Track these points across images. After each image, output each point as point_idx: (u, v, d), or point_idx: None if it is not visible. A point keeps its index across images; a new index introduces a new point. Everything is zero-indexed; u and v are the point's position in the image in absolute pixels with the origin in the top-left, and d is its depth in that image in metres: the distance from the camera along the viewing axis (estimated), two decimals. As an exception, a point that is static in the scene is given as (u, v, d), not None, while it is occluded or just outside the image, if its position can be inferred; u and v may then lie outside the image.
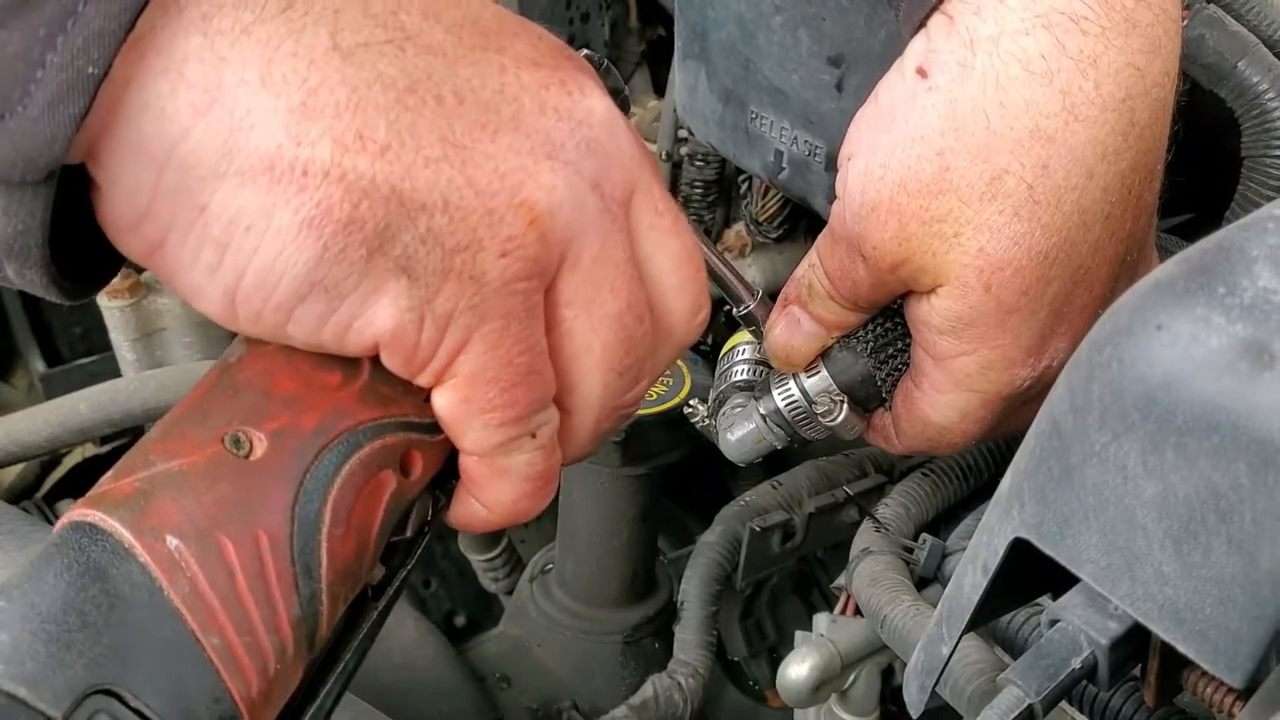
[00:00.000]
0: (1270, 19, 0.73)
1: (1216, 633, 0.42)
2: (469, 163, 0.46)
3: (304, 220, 0.44)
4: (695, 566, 0.92)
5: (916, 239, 0.62)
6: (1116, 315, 0.47)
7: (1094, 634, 0.48)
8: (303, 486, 0.47)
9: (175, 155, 0.43)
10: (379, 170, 0.44)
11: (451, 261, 0.46)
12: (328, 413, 0.49)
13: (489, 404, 0.50)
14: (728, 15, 0.76)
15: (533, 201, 0.47)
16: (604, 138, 0.51)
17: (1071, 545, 0.47)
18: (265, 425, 0.48)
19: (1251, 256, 0.44)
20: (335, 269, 0.45)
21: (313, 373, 0.49)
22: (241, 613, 0.45)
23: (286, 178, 0.43)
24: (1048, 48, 0.58)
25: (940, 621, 0.54)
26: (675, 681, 0.89)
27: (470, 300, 0.47)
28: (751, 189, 1.08)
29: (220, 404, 0.49)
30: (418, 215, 0.45)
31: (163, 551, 0.44)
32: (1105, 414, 0.45)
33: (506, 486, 0.53)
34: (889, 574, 0.75)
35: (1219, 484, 0.42)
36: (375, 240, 0.45)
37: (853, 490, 0.91)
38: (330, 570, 0.47)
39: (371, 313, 0.47)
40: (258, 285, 0.45)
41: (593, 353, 0.52)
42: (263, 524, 0.46)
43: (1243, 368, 0.42)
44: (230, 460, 0.46)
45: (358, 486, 0.49)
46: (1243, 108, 0.71)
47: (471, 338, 0.48)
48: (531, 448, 0.52)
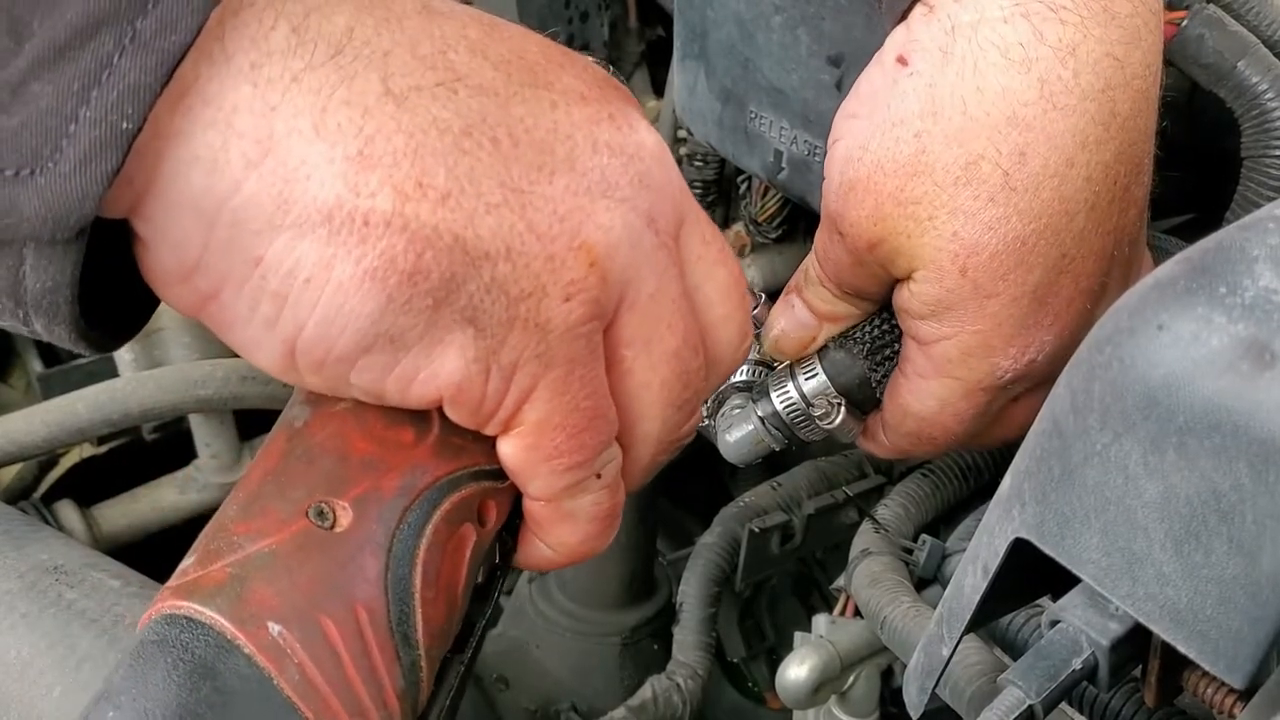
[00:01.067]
0: (1270, 19, 0.73)
1: (1217, 633, 0.42)
2: (529, 207, 0.45)
3: (367, 271, 0.43)
4: (694, 568, 0.91)
5: (891, 219, 0.63)
6: (1117, 315, 0.47)
7: (1094, 635, 0.48)
8: (391, 553, 0.46)
9: (227, 209, 0.42)
10: (441, 219, 0.43)
11: (516, 310, 0.45)
12: (406, 472, 0.47)
13: (555, 450, 0.49)
14: (727, 15, 0.76)
15: (592, 243, 0.46)
16: (655, 171, 0.50)
17: (1072, 546, 0.46)
18: (347, 493, 0.46)
19: (1252, 256, 0.44)
20: (400, 320, 0.44)
21: (386, 431, 0.48)
22: (351, 695, 0.43)
23: (347, 228, 0.42)
24: (1026, 36, 0.59)
25: (940, 622, 0.54)
26: (674, 683, 0.89)
27: (536, 349, 0.46)
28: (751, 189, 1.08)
29: (297, 474, 0.47)
30: (481, 264, 0.44)
31: (266, 639, 0.42)
32: (1106, 414, 0.45)
33: (573, 529, 0.53)
34: (888, 575, 0.75)
35: (1220, 484, 0.42)
36: (441, 290, 0.44)
37: (852, 491, 0.91)
38: (426, 635, 0.46)
39: (437, 365, 0.46)
40: (319, 338, 0.44)
41: (651, 390, 0.51)
42: (359, 598, 0.44)
43: (1244, 367, 0.42)
44: (317, 534, 0.45)
45: (442, 544, 0.47)
46: (1242, 108, 0.71)
47: (537, 385, 0.47)
48: (597, 488, 0.52)
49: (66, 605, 0.75)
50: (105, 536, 1.09)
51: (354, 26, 0.43)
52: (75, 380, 1.12)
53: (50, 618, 0.74)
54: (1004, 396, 0.68)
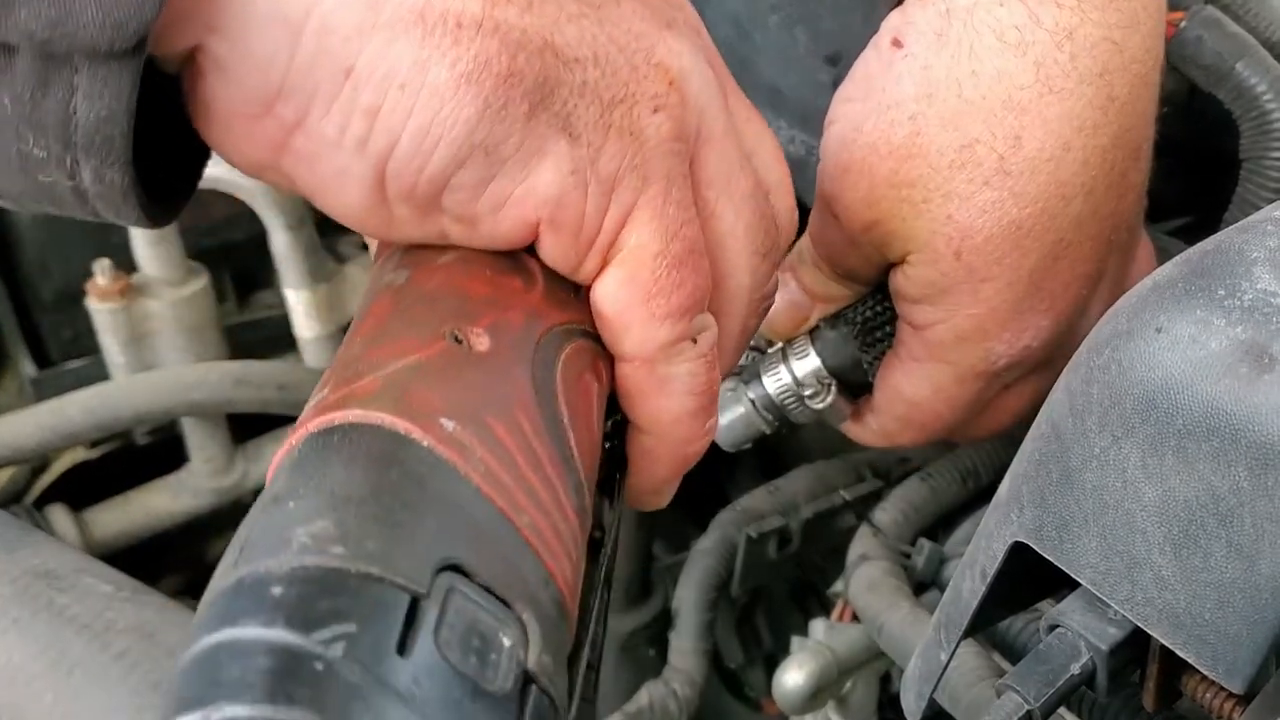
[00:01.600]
0: (1269, 20, 0.73)
1: (1216, 637, 0.42)
2: (606, 21, 0.44)
3: (462, 74, 0.41)
4: (691, 573, 0.91)
5: (885, 202, 0.63)
6: (1116, 317, 0.47)
7: (1093, 639, 0.48)
8: (535, 376, 0.43)
9: (316, 14, 0.40)
10: (529, 23, 0.42)
11: (610, 116, 0.44)
12: (529, 310, 0.45)
13: (657, 285, 0.46)
14: (724, 14, 0.76)
15: (668, 64, 0.46)
16: (699, 25, 0.50)
17: (1071, 549, 0.46)
18: (478, 322, 0.43)
19: (1251, 259, 0.44)
20: (497, 128, 0.42)
21: (496, 277, 0.46)
22: (535, 495, 0.40)
23: (440, 29, 0.40)
24: (1022, 19, 0.59)
25: (938, 627, 0.54)
26: (670, 689, 0.88)
27: (633, 159, 0.45)
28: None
29: (420, 311, 0.44)
30: (573, 67, 0.43)
31: (444, 433, 0.39)
32: (1105, 417, 0.45)
33: (668, 401, 0.49)
34: (886, 580, 0.74)
35: (1219, 487, 0.41)
36: (536, 94, 0.42)
37: (850, 495, 0.91)
38: (585, 461, 0.44)
39: (534, 178, 0.43)
40: (413, 152, 0.42)
41: (737, 235, 0.49)
42: (519, 408, 0.42)
43: (1242, 370, 0.42)
44: (460, 353, 0.42)
45: (574, 383, 0.45)
46: (1241, 109, 0.71)
47: (637, 202, 0.45)
48: (693, 355, 0.48)
49: (58, 611, 0.75)
50: (97, 541, 1.08)
51: None
52: (68, 383, 1.11)
53: (42, 623, 0.74)
54: (997, 383, 0.67)
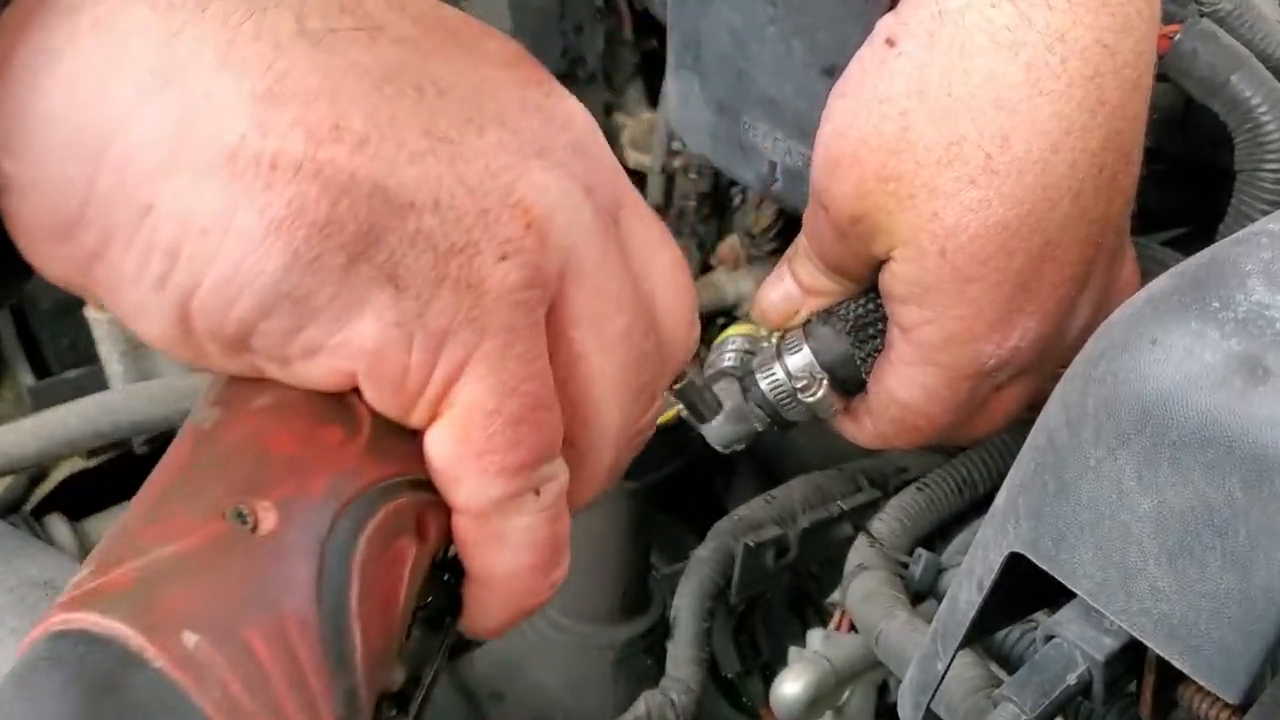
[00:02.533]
0: (1264, 33, 0.73)
1: (1211, 648, 0.42)
2: (457, 158, 0.41)
3: (272, 221, 0.38)
4: (688, 582, 0.91)
5: (873, 195, 0.63)
6: (1111, 329, 0.47)
7: (1089, 649, 0.48)
8: (323, 561, 0.39)
9: (117, 146, 0.37)
10: (359, 165, 0.39)
11: (445, 267, 0.40)
12: (335, 474, 0.41)
13: (489, 444, 0.43)
14: (721, 26, 0.76)
15: (529, 202, 0.42)
16: (589, 142, 0.46)
17: (1067, 560, 0.46)
18: (270, 493, 0.40)
19: (1245, 271, 0.45)
20: (309, 278, 0.39)
21: (310, 429, 0.42)
22: (280, 716, 0.37)
23: (251, 172, 0.37)
24: (1013, 20, 0.59)
25: (935, 637, 0.54)
26: (668, 698, 0.88)
27: (468, 313, 0.41)
28: (745, 201, 1.08)
29: (211, 476, 0.40)
30: (405, 214, 0.39)
31: (181, 650, 0.35)
32: (1100, 428, 0.45)
33: (502, 556, 0.45)
34: (884, 589, 0.74)
35: (1213, 499, 0.41)
36: (357, 244, 0.39)
37: (847, 505, 0.91)
38: (365, 658, 0.39)
39: (351, 330, 0.40)
40: (216, 298, 0.39)
41: (606, 376, 0.46)
42: (289, 608, 0.38)
43: (1236, 382, 0.42)
44: (237, 537, 0.38)
45: (378, 557, 0.41)
46: (1236, 121, 0.71)
47: (471, 357, 0.42)
48: (533, 509, 0.45)
49: (56, 619, 0.75)
50: (96, 550, 1.08)
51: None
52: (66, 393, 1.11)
53: (40, 632, 0.74)
54: (989, 384, 0.68)
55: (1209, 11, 0.72)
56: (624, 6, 1.26)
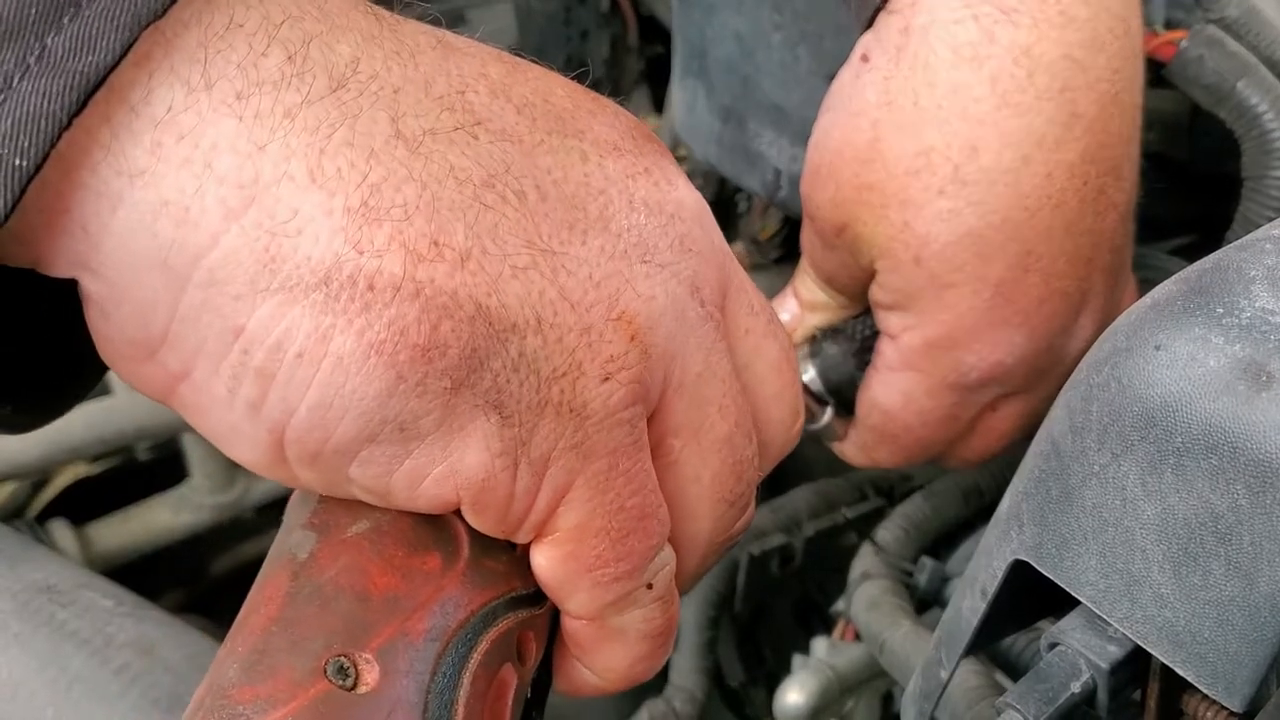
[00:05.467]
0: (1270, 39, 0.73)
1: (1215, 656, 0.42)
2: (560, 270, 0.39)
3: (372, 345, 0.36)
4: (693, 590, 0.91)
5: (849, 204, 0.64)
6: (1114, 335, 0.47)
7: (1093, 657, 0.48)
8: (427, 710, 0.38)
9: (202, 266, 0.35)
10: (460, 283, 0.37)
11: (549, 392, 0.39)
12: (436, 608, 0.40)
13: (599, 559, 0.42)
14: (727, 33, 0.76)
15: (633, 313, 0.40)
16: (697, 233, 0.44)
17: (1070, 567, 0.46)
18: (371, 642, 0.38)
19: (1249, 277, 0.44)
20: (412, 404, 0.37)
21: (409, 559, 0.40)
22: None
23: (348, 293, 0.36)
24: (975, 36, 0.60)
25: (939, 645, 0.54)
26: (671, 707, 0.88)
27: (572, 438, 0.40)
28: (751, 208, 1.08)
29: (310, 620, 0.39)
30: (508, 337, 0.38)
31: None
32: (1104, 435, 0.45)
33: (622, 650, 0.45)
34: (888, 598, 0.74)
35: (1218, 505, 0.41)
36: (461, 369, 0.37)
37: (852, 513, 0.91)
38: None
39: (456, 459, 0.39)
40: (313, 425, 0.37)
41: (701, 484, 0.45)
42: None
43: (1241, 388, 0.42)
44: (339, 698, 0.37)
45: (482, 695, 0.40)
46: (1242, 128, 0.71)
47: (575, 482, 0.40)
48: (649, 600, 0.44)
49: (59, 625, 0.75)
50: (98, 556, 1.08)
51: (360, 58, 0.37)
52: (72, 399, 1.11)
53: (43, 638, 0.74)
54: (973, 401, 0.68)
55: (1215, 18, 0.72)
56: (629, 13, 1.26)
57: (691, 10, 0.80)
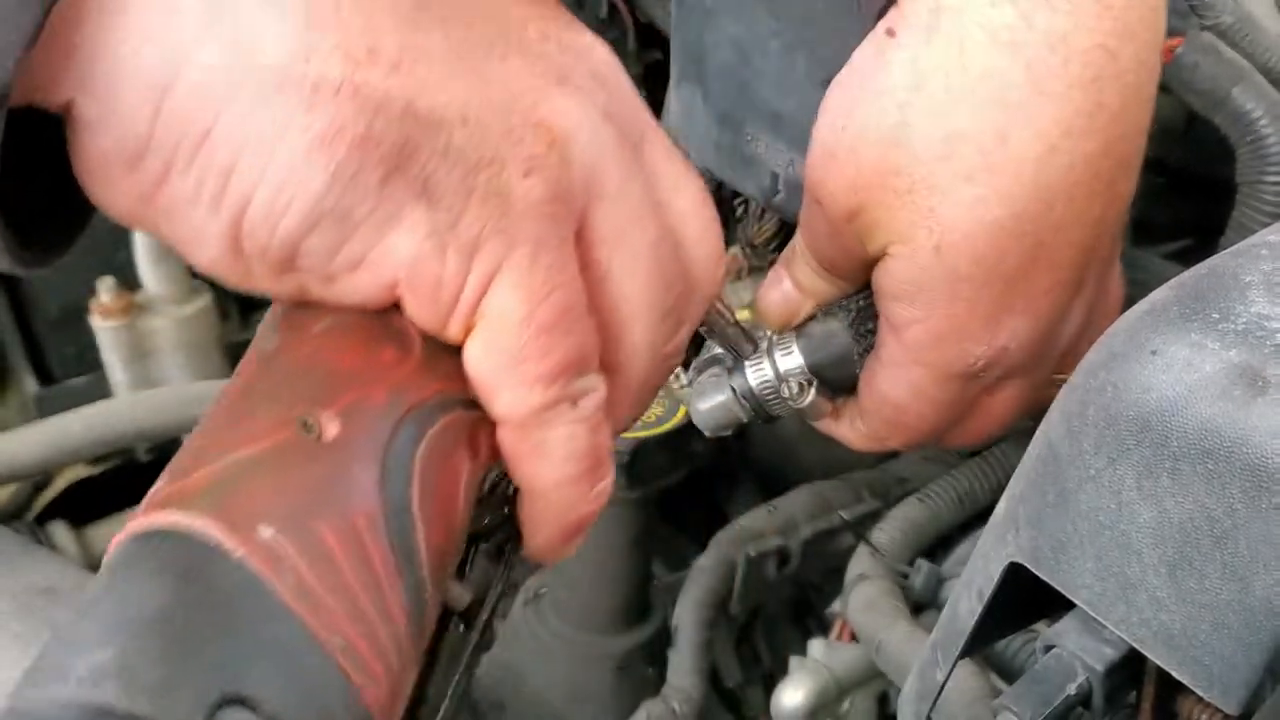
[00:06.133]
0: (1265, 46, 0.74)
1: (1211, 659, 0.42)
2: (483, 81, 0.44)
3: (314, 138, 0.41)
4: (690, 591, 0.91)
5: (869, 188, 0.63)
6: (1111, 340, 0.47)
7: (1089, 660, 0.48)
8: (385, 465, 0.42)
9: (180, 78, 0.40)
10: (393, 85, 0.42)
11: (474, 180, 0.43)
12: (393, 386, 0.44)
13: (522, 351, 0.45)
14: (724, 38, 0.76)
15: (550, 122, 0.44)
16: (609, 73, 0.49)
17: (1067, 570, 0.46)
18: (334, 403, 0.42)
19: (1245, 282, 0.45)
20: (349, 193, 0.42)
21: (367, 348, 0.45)
22: (354, 605, 0.40)
23: (296, 94, 0.41)
24: (1013, 20, 0.59)
25: (935, 647, 0.54)
26: (669, 707, 0.88)
27: (497, 223, 0.43)
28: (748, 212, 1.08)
29: (277, 389, 0.43)
30: (435, 131, 0.42)
31: (258, 543, 0.38)
32: (1100, 439, 0.45)
33: (546, 467, 0.47)
34: (885, 599, 0.75)
35: (1213, 509, 0.42)
36: (392, 159, 0.42)
37: (849, 515, 0.91)
38: (429, 557, 0.42)
39: (388, 242, 0.43)
40: (265, 214, 0.42)
41: (633, 292, 0.48)
42: (356, 506, 0.41)
43: (1236, 393, 0.42)
44: (306, 443, 0.41)
45: (437, 466, 0.44)
46: (1237, 134, 0.72)
47: (500, 266, 0.44)
48: (571, 418, 0.46)
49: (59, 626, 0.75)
50: (98, 557, 1.08)
51: None
52: (70, 400, 1.12)
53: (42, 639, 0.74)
54: (978, 384, 0.67)
55: (1210, 25, 0.73)
56: (627, 18, 1.26)
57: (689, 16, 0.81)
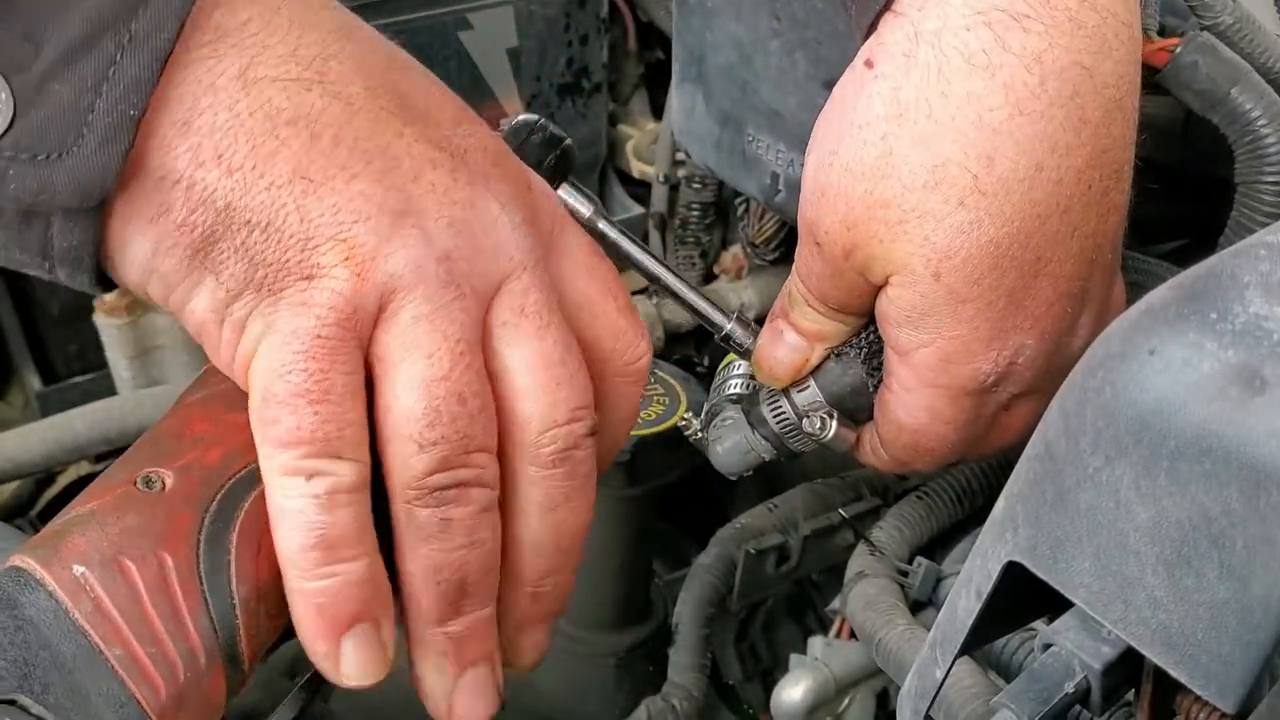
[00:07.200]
0: (1263, 46, 0.74)
1: (1209, 658, 0.42)
2: (310, 195, 0.50)
3: (149, 217, 0.50)
4: (690, 589, 0.91)
5: (863, 224, 0.63)
6: (1109, 340, 0.47)
7: (1087, 658, 0.48)
8: (208, 511, 0.51)
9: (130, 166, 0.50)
10: (220, 185, 0.50)
11: (254, 274, 0.51)
12: (235, 448, 0.52)
13: (264, 417, 0.51)
14: (725, 39, 0.77)
15: (357, 242, 0.51)
16: (476, 227, 0.53)
17: (1065, 569, 0.47)
18: (175, 463, 0.52)
19: (1243, 283, 0.45)
20: (165, 261, 0.51)
21: (225, 415, 0.54)
22: (144, 626, 0.48)
23: (152, 181, 0.50)
24: (988, 43, 0.60)
25: (934, 645, 0.54)
26: (669, 704, 0.88)
27: (264, 310, 0.51)
28: (748, 212, 1.08)
29: (138, 455, 0.53)
30: (239, 230, 0.50)
31: (67, 578, 0.48)
32: (1098, 438, 0.45)
33: (280, 533, 0.52)
34: (884, 597, 0.75)
35: (1211, 509, 0.42)
36: (199, 244, 0.50)
37: (848, 513, 0.91)
38: (242, 586, 0.50)
39: (192, 303, 0.52)
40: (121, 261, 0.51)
41: (394, 414, 0.52)
42: (166, 546, 0.49)
43: (1234, 393, 0.42)
44: (139, 496, 0.50)
45: (263, 514, 0.51)
46: (1235, 134, 0.72)
47: (259, 347, 0.51)
48: (299, 491, 0.51)
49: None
50: (101, 554, 1.08)
51: (252, 19, 0.51)
52: (73, 398, 1.12)
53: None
54: (993, 401, 0.68)
55: (1209, 25, 0.73)
56: (629, 18, 1.26)
57: (690, 16, 0.81)
